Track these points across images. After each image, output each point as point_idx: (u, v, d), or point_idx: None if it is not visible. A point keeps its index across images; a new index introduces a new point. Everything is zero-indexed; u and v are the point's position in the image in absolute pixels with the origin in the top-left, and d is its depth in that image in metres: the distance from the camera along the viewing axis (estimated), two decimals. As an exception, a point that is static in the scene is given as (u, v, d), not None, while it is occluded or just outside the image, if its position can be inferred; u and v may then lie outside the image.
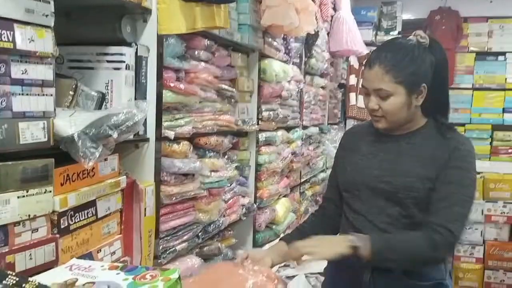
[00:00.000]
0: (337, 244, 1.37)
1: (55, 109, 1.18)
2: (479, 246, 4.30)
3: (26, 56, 1.08)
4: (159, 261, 1.67)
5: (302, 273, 2.09)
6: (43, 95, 1.13)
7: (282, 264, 2.19)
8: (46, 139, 1.14)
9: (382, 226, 1.46)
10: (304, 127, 3.57)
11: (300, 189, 3.62)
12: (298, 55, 3.27)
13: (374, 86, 1.42)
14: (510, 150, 5.10)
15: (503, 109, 5.20)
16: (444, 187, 1.41)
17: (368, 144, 1.56)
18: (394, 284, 1.46)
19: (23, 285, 0.89)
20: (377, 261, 1.38)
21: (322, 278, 1.97)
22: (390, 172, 1.46)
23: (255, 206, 2.55)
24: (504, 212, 4.26)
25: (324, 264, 1.68)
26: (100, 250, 1.37)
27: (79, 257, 1.26)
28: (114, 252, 1.42)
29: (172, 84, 1.67)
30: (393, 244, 1.39)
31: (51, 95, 1.15)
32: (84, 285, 1.02)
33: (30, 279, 0.93)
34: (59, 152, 1.19)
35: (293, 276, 2.09)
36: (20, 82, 1.07)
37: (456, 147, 1.43)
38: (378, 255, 1.35)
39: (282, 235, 1.73)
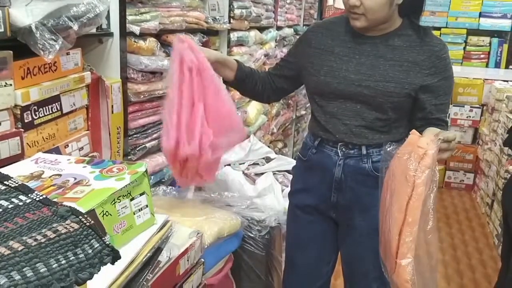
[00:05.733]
0: None
1: (9, -3, 1.11)
2: (443, 148, 4.48)
3: None
4: (129, 157, 1.70)
5: (270, 171, 2.16)
6: (-5, -19, 1.06)
7: (251, 163, 2.26)
8: (2, 30, 1.08)
9: (356, 129, 1.48)
10: (278, 28, 3.48)
11: (272, 91, 3.60)
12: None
13: None
14: (482, 56, 5.14)
15: (480, 13, 5.14)
16: (439, 99, 1.47)
17: (342, 44, 1.51)
18: (363, 179, 1.51)
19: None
20: None
21: (289, 176, 2.04)
22: (369, 76, 1.45)
23: (226, 106, 2.54)
24: (469, 116, 4.41)
25: (290, 162, 1.74)
26: (68, 145, 1.37)
27: (46, 152, 1.27)
28: (82, 148, 1.43)
29: (136, -25, 1.58)
30: None
31: (4, -19, 1.08)
32: (50, 177, 1.04)
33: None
34: (19, 45, 1.14)
35: (262, 174, 2.15)
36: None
37: (439, 55, 1.45)
38: None
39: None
